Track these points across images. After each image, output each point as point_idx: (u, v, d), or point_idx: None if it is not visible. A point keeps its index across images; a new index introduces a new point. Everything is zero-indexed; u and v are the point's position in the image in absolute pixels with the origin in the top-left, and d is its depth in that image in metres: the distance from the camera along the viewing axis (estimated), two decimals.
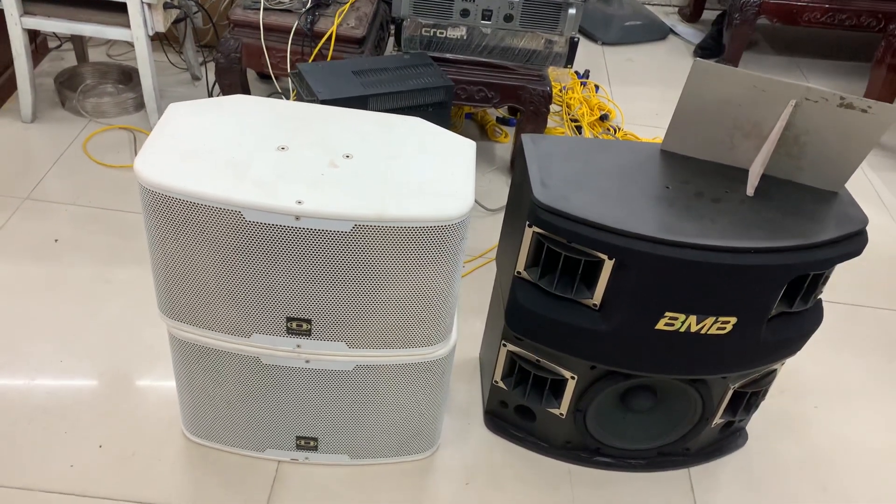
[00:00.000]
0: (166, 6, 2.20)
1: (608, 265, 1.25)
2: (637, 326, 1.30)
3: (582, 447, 1.57)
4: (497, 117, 2.68)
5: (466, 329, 1.82)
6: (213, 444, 1.51)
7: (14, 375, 1.62)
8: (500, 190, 2.37)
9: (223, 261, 1.17)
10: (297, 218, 1.12)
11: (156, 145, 1.18)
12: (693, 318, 1.28)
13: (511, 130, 2.65)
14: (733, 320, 1.29)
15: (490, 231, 2.17)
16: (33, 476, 1.44)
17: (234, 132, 1.23)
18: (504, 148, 2.58)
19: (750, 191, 1.32)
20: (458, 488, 1.52)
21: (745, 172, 1.36)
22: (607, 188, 1.29)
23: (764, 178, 1.34)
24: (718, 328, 1.30)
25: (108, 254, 1.95)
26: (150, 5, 2.14)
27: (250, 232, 1.13)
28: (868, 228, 1.30)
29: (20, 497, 1.40)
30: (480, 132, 2.64)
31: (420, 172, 1.21)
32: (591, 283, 1.30)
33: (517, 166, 1.41)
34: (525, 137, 1.39)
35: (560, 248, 1.27)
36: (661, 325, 1.29)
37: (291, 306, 1.23)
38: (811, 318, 1.41)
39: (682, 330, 1.30)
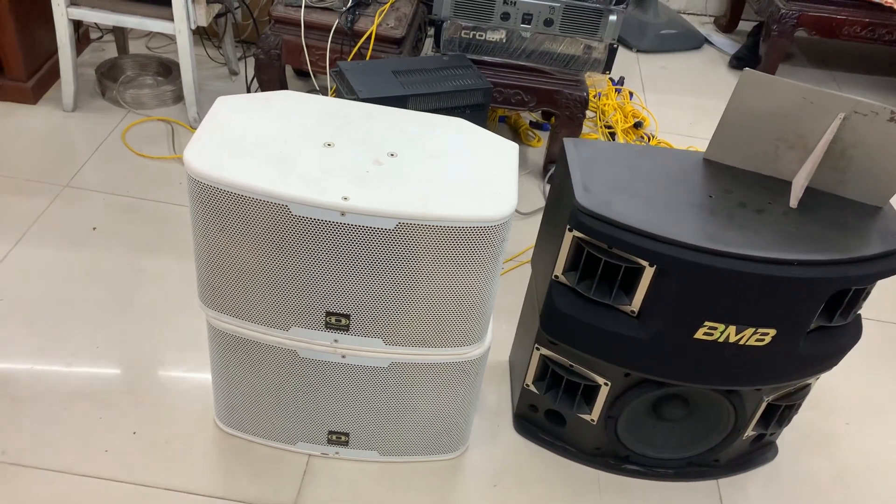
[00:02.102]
0: (209, 1, 2.22)
1: (648, 272, 1.25)
2: (675, 335, 1.30)
3: (611, 454, 1.56)
4: (530, 121, 2.69)
5: (495, 332, 1.82)
6: (245, 436, 1.52)
7: (51, 360, 1.64)
8: (533, 194, 2.37)
9: (267, 253, 1.19)
10: (343, 214, 1.12)
11: (205, 137, 1.19)
12: (732, 329, 1.27)
13: (544, 135, 2.65)
14: (772, 332, 1.28)
15: (522, 234, 2.17)
16: (68, 460, 1.46)
17: (281, 127, 1.24)
18: (536, 152, 2.58)
19: (793, 203, 1.31)
20: (485, 489, 1.52)
21: (789, 184, 1.35)
22: (650, 195, 1.29)
23: (807, 190, 1.33)
24: (757, 339, 1.29)
25: (144, 243, 1.97)
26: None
27: (295, 226, 1.14)
28: None
29: (55, 479, 1.42)
30: (513, 136, 2.64)
31: (463, 173, 1.22)
32: (630, 290, 1.30)
33: (558, 170, 1.41)
34: (567, 142, 1.39)
35: (600, 254, 1.27)
36: (699, 335, 1.29)
37: (331, 301, 1.24)
38: (850, 334, 1.39)
39: (721, 340, 1.29)
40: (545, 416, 1.59)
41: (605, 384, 1.43)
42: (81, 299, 1.79)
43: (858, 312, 1.38)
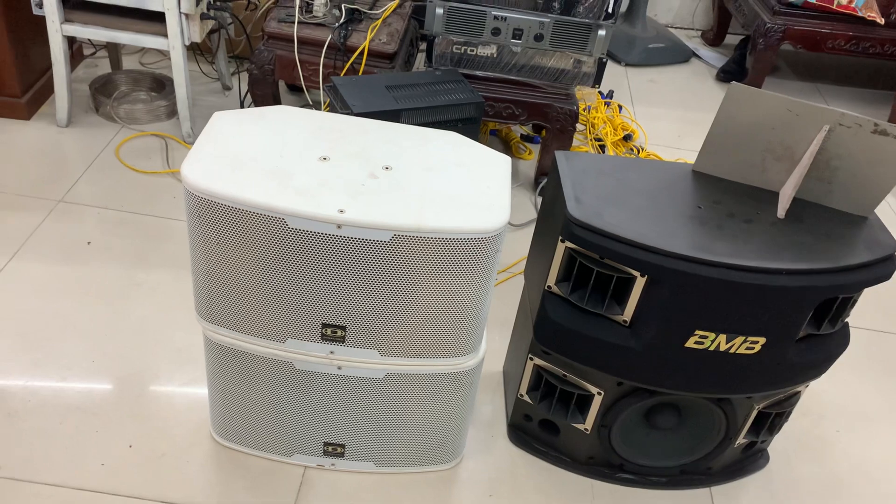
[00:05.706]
0: (203, 17, 2.24)
1: (640, 282, 1.27)
2: (666, 344, 1.31)
3: (605, 463, 1.58)
4: (521, 135, 2.72)
5: (489, 343, 1.84)
6: (242, 448, 1.53)
7: (46, 374, 1.64)
8: (524, 206, 2.39)
9: (264, 266, 1.20)
10: (339, 226, 1.14)
11: (202, 152, 1.21)
12: (723, 337, 1.29)
13: (535, 148, 2.68)
14: (762, 340, 1.30)
15: (514, 246, 2.19)
16: (65, 474, 1.46)
17: (278, 141, 1.26)
18: (527, 165, 2.61)
19: (781, 213, 1.33)
20: (480, 499, 1.53)
21: (776, 195, 1.37)
22: (640, 206, 1.31)
23: (794, 200, 1.36)
24: (747, 348, 1.31)
25: (138, 257, 1.98)
26: (187, 15, 2.19)
27: (292, 239, 1.16)
28: None
29: (51, 494, 1.42)
30: (504, 149, 2.67)
31: (457, 185, 1.24)
32: (621, 300, 1.32)
33: (550, 182, 1.43)
34: (559, 154, 1.42)
35: (592, 264, 1.29)
36: (690, 343, 1.31)
37: (327, 313, 1.25)
38: (837, 341, 1.42)
39: (712, 348, 1.31)
40: (539, 426, 1.60)
41: (599, 393, 1.44)
42: (76, 313, 1.80)
43: (846, 320, 1.41)
